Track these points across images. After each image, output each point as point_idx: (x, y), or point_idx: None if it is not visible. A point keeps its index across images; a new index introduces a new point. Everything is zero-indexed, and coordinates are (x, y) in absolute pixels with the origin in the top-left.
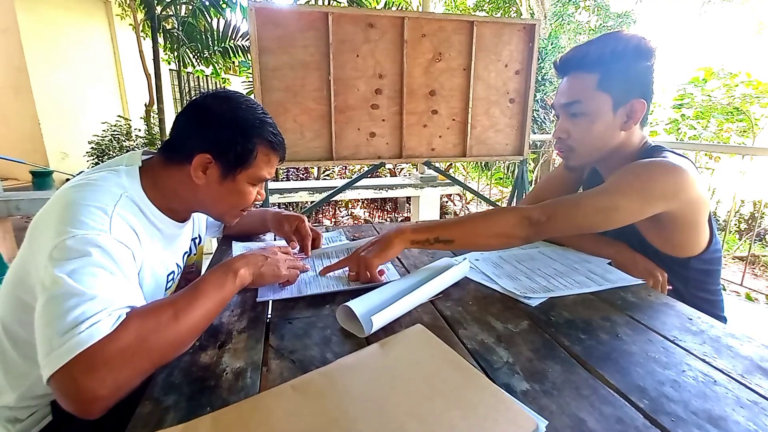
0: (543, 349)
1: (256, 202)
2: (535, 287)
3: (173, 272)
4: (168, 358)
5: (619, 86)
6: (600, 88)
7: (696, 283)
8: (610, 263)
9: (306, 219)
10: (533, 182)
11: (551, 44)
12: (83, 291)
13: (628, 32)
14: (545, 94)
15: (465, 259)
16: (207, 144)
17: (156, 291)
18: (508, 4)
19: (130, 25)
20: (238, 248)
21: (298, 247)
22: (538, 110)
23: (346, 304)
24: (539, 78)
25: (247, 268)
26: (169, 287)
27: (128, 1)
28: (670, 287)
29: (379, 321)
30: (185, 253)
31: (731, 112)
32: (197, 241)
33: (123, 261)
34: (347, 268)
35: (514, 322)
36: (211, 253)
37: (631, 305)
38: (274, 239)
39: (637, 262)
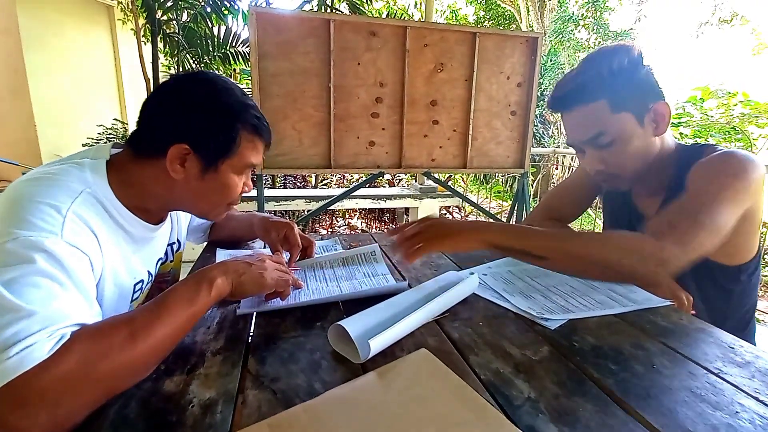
0: (569, 382)
1: (243, 194)
2: (552, 307)
3: (142, 281)
4: (121, 387)
5: (633, 100)
6: (615, 110)
7: (740, 298)
8: None
9: (296, 226)
10: (532, 196)
11: (550, 61)
12: (19, 306)
13: (607, 46)
14: (544, 109)
15: (473, 273)
16: (183, 133)
17: (120, 302)
18: (508, 21)
19: (132, 30)
20: (222, 256)
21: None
22: (537, 125)
23: (340, 323)
24: (538, 93)
25: (225, 277)
26: (136, 298)
27: (130, 6)
28: (694, 312)
29: (378, 344)
30: (159, 259)
31: (729, 132)
32: (175, 247)
33: (76, 270)
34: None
35: (532, 348)
36: (193, 261)
37: (664, 330)
38: (264, 247)
39: (661, 281)
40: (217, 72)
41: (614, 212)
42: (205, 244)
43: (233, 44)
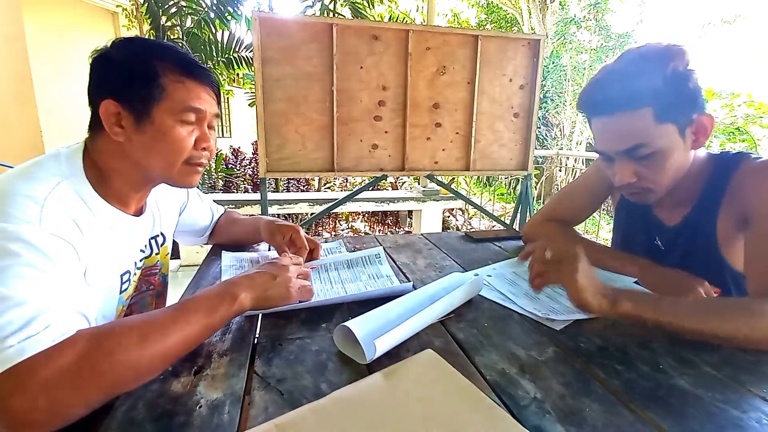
0: (576, 382)
1: (204, 151)
2: (557, 308)
3: (128, 272)
4: (125, 387)
5: (680, 110)
6: (660, 121)
7: None
8: (636, 282)
9: (301, 229)
10: (535, 198)
11: (552, 63)
12: (9, 295)
13: (659, 46)
14: (546, 111)
15: (477, 275)
16: (107, 89)
17: (110, 293)
18: (510, 24)
19: (136, 36)
20: (227, 259)
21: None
22: (540, 127)
23: (345, 324)
24: (541, 95)
25: (249, 292)
26: (125, 290)
27: (135, 13)
28: None
29: (384, 345)
30: (140, 250)
31: (733, 132)
32: (159, 240)
33: (59, 257)
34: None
35: (538, 348)
36: (197, 264)
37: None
38: (269, 249)
39: (668, 280)
40: (220, 75)
41: (630, 222)
42: (210, 246)
43: (236, 49)
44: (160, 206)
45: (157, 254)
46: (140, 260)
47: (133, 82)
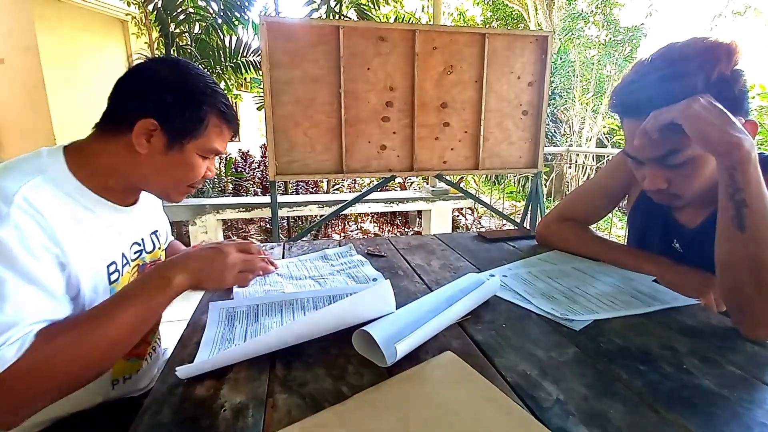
0: (598, 383)
1: (206, 178)
2: (575, 308)
3: (115, 263)
4: (84, 380)
5: None
6: None
7: None
8: (655, 280)
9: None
10: (545, 196)
11: (560, 59)
12: None
13: (705, 43)
14: (555, 107)
15: (493, 275)
16: (151, 109)
17: (98, 283)
18: (516, 21)
19: (146, 43)
20: (215, 313)
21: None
22: (549, 124)
23: (365, 329)
24: (549, 92)
25: (184, 275)
26: (116, 281)
27: (144, 20)
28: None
29: (404, 348)
30: (135, 243)
31: None
32: (159, 233)
33: (28, 260)
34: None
35: (558, 349)
36: None
37: (691, 330)
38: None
39: (689, 279)
40: (228, 80)
41: (648, 224)
42: None
43: (244, 54)
44: (153, 204)
45: (159, 248)
46: (134, 253)
47: (183, 115)
